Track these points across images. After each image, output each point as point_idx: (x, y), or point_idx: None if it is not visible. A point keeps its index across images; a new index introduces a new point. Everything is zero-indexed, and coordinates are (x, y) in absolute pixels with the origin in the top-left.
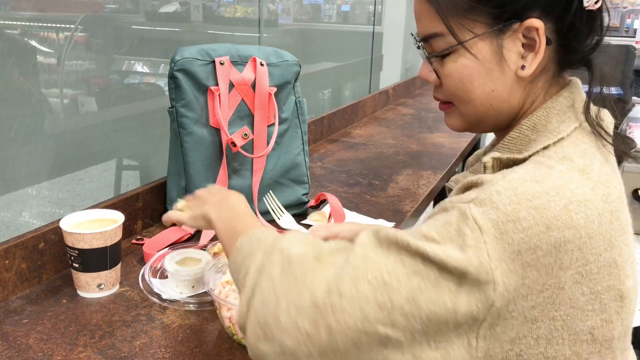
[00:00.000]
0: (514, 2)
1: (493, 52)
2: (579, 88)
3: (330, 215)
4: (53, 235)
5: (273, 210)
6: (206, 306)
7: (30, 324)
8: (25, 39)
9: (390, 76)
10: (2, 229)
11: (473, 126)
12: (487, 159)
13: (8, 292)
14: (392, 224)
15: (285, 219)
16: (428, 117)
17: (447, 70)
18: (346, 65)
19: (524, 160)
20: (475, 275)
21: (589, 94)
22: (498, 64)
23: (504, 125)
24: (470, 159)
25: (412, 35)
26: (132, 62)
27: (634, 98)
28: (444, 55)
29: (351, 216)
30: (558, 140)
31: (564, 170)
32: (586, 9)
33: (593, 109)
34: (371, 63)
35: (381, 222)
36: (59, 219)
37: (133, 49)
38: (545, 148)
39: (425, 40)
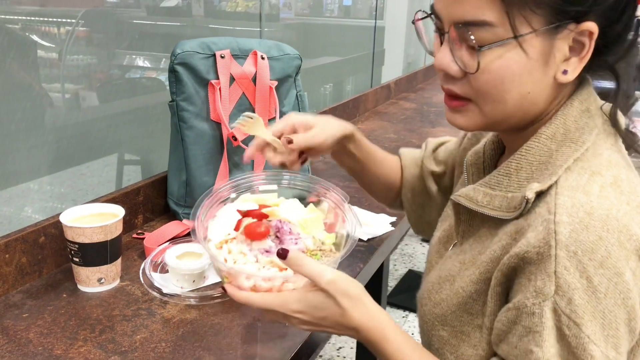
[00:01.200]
0: (582, 1)
1: (543, 51)
2: (590, 87)
3: (329, 210)
4: (53, 230)
5: None
6: (207, 301)
7: (31, 318)
8: (26, 33)
9: (392, 70)
10: (5, 224)
11: (489, 127)
12: (531, 195)
13: (8, 287)
14: (394, 218)
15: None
16: (430, 112)
17: (488, 65)
18: (348, 59)
19: (554, 183)
20: None
21: (614, 101)
22: (543, 65)
23: (521, 128)
24: (470, 158)
25: (430, 15)
26: (133, 56)
27: (637, 92)
28: (480, 47)
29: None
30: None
31: (600, 194)
32: (637, 18)
33: (609, 109)
34: (373, 57)
35: (383, 217)
36: (59, 213)
37: (134, 44)
38: (573, 161)
39: (464, 26)
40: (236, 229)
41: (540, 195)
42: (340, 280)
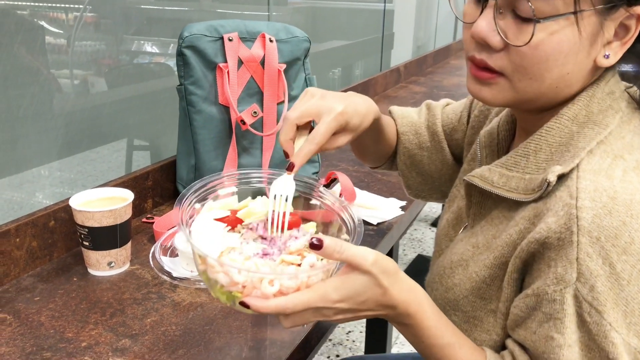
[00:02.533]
0: None
1: (593, 32)
2: (614, 70)
3: (340, 194)
4: (63, 214)
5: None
6: None
7: (42, 301)
8: (34, 19)
9: (401, 54)
10: (16, 209)
11: (516, 104)
12: (553, 178)
13: (20, 270)
14: (404, 202)
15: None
16: (440, 95)
17: (539, 40)
18: (357, 43)
19: (576, 166)
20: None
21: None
22: (589, 46)
23: (545, 108)
24: (483, 139)
25: None
26: (142, 42)
27: None
28: (539, 19)
29: (362, 195)
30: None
31: (623, 178)
32: None
33: (633, 92)
34: (382, 41)
35: (392, 202)
36: (69, 198)
37: (142, 29)
38: (596, 144)
39: None
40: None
41: (560, 178)
42: (380, 259)
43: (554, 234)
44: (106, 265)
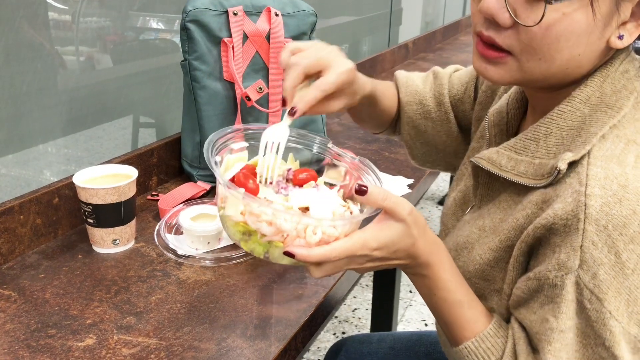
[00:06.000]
0: None
1: (608, 12)
2: (629, 49)
3: (346, 173)
4: (67, 191)
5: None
6: (222, 262)
7: (47, 278)
8: None
9: (409, 30)
10: (24, 187)
11: (523, 84)
12: (564, 166)
13: (24, 247)
14: (411, 180)
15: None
16: None
17: (551, 20)
18: (364, 19)
19: (586, 153)
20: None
21: None
22: (603, 27)
23: (555, 88)
24: (492, 117)
25: None
26: (147, 18)
27: None
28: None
29: None
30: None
31: (636, 164)
32: None
33: None
34: (390, 16)
35: (400, 179)
36: (73, 175)
37: (147, 5)
38: (609, 128)
39: None
40: (242, 184)
41: (571, 164)
42: (414, 210)
43: (560, 220)
44: (111, 242)
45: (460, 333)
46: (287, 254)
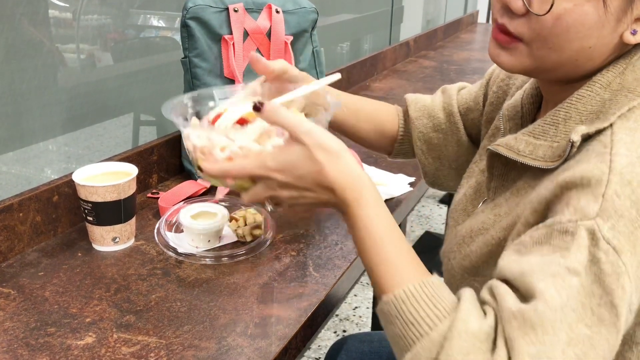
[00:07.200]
0: None
1: (621, 6)
2: None
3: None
4: (67, 188)
5: None
6: (222, 260)
7: (46, 276)
8: None
9: (411, 28)
10: (24, 184)
11: (533, 73)
12: (577, 137)
13: (24, 245)
14: (412, 179)
15: None
16: (450, 70)
17: (561, 10)
18: (365, 16)
19: (609, 125)
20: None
21: None
22: (616, 21)
23: (564, 81)
24: (506, 112)
25: None
26: (148, 16)
27: None
28: None
29: (370, 171)
30: None
31: None
32: None
33: None
34: (391, 14)
35: (401, 177)
36: (73, 172)
37: (148, 3)
38: (628, 110)
39: None
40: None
41: (592, 137)
42: (318, 131)
43: (583, 175)
44: (110, 240)
45: (390, 282)
46: (199, 168)
